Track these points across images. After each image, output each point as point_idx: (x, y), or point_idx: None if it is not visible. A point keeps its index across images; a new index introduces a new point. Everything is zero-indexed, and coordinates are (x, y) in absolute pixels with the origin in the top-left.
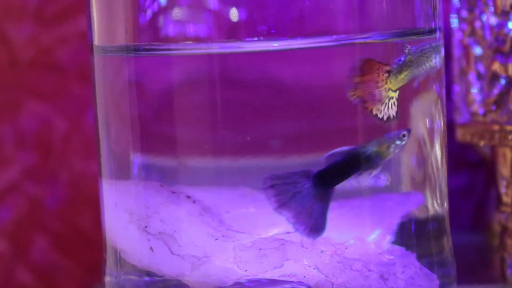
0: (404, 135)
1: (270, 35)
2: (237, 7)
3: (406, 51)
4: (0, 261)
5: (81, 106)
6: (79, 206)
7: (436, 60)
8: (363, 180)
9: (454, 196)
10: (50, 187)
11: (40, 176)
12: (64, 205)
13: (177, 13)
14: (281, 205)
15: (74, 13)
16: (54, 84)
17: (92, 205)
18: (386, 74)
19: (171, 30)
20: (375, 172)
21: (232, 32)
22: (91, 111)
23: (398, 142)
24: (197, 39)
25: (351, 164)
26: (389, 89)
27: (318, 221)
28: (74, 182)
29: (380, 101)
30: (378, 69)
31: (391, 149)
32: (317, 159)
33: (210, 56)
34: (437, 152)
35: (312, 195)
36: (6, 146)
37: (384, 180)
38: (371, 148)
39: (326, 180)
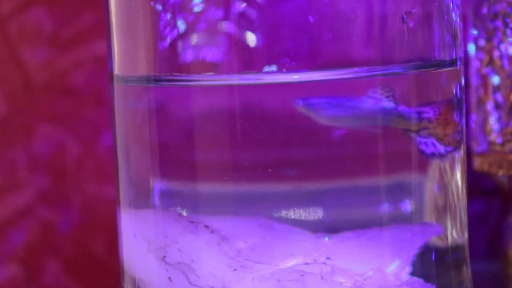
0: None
1: (290, 67)
2: (257, 39)
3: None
4: (13, 285)
5: (95, 130)
6: (92, 231)
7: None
8: (383, 209)
9: (469, 223)
10: (63, 211)
11: (53, 200)
12: (77, 230)
13: (197, 44)
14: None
15: (89, 37)
16: (68, 108)
17: (105, 230)
18: None
19: (191, 61)
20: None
21: (252, 64)
22: (105, 135)
23: None
24: (217, 71)
25: None
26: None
27: None
28: (87, 207)
29: None
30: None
31: None
32: (335, 187)
33: (230, 87)
34: (458, 180)
35: None
36: (20, 170)
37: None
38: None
39: None
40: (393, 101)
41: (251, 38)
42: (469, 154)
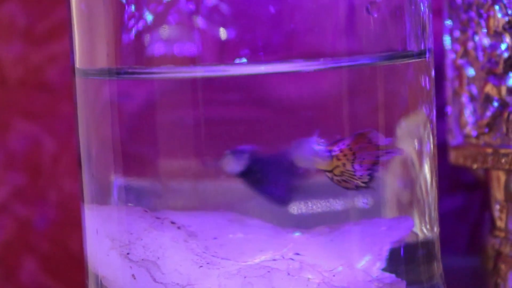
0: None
1: (256, 59)
2: (222, 31)
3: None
4: None
5: (71, 126)
6: (68, 228)
7: None
8: (352, 205)
9: (449, 218)
10: (39, 208)
11: (29, 197)
12: (53, 226)
13: (159, 36)
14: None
15: (63, 32)
16: (43, 104)
17: (81, 226)
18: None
19: (153, 53)
20: None
21: (217, 55)
22: None
23: None
24: (181, 63)
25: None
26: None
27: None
28: (63, 203)
29: None
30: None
31: None
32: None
33: (193, 80)
34: (427, 174)
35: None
36: None
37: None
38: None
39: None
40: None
41: (216, 29)
42: (445, 148)
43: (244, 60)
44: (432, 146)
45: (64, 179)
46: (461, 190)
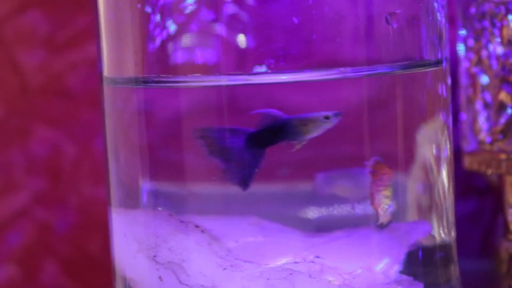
0: (327, 117)
1: (278, 68)
2: (245, 41)
3: None
4: (10, 286)
5: (91, 132)
6: (88, 231)
7: None
8: (371, 209)
9: (462, 222)
10: (60, 212)
11: (50, 202)
12: (73, 230)
13: (185, 46)
14: (210, 153)
15: (84, 40)
16: (64, 110)
17: (101, 230)
18: None
19: (179, 62)
20: (298, 144)
21: (240, 64)
22: (100, 137)
23: (318, 123)
24: (205, 72)
25: (276, 131)
26: None
27: (247, 177)
28: (83, 207)
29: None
30: None
31: (309, 127)
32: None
33: (218, 88)
34: (444, 179)
35: (243, 152)
36: (16, 172)
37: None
38: (292, 122)
39: (256, 142)
40: None
41: (239, 40)
42: (459, 153)
43: (265, 69)
44: (449, 152)
45: (84, 183)
46: (474, 195)
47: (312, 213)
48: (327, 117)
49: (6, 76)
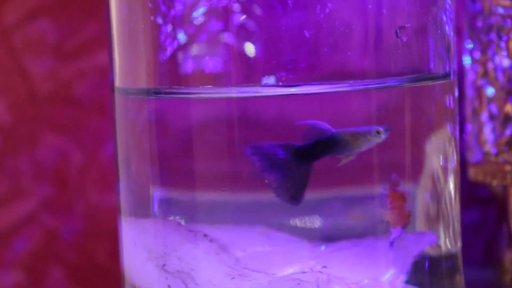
0: (378, 132)
1: (287, 80)
2: (256, 52)
3: None
4: None
5: (98, 139)
6: (95, 238)
7: None
8: (378, 220)
9: (466, 232)
10: (66, 219)
11: (57, 208)
12: (80, 237)
13: (196, 58)
14: (263, 171)
15: (92, 48)
16: (71, 118)
17: (108, 237)
18: None
19: (190, 74)
20: (346, 158)
21: (250, 76)
22: (107, 144)
23: (369, 137)
24: (216, 83)
25: (326, 146)
26: None
27: (297, 192)
28: (90, 214)
29: None
30: None
31: (360, 141)
32: (332, 196)
33: (228, 100)
34: (451, 190)
35: (292, 167)
36: (24, 178)
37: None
38: (343, 135)
39: (304, 156)
40: None
41: (249, 52)
42: (464, 164)
43: (275, 81)
44: (456, 163)
45: (91, 190)
46: (477, 205)
47: (319, 223)
48: (378, 132)
49: (14, 83)
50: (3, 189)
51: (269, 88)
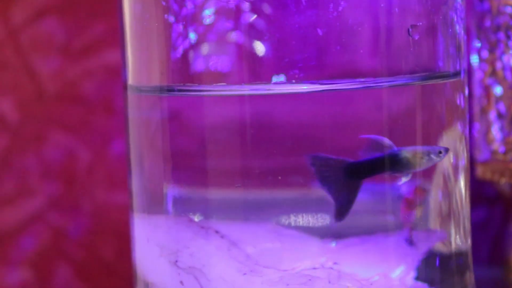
0: (440, 152)
1: (299, 78)
2: (267, 50)
3: None
4: None
5: (105, 138)
6: (102, 236)
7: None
8: (389, 216)
9: (472, 231)
10: (74, 217)
11: (64, 206)
12: (87, 235)
13: (209, 56)
14: (318, 181)
15: (100, 47)
16: (79, 116)
17: (115, 235)
18: None
19: (203, 71)
20: (404, 178)
21: (262, 74)
22: (114, 142)
23: (432, 156)
24: (228, 81)
25: (383, 163)
26: None
27: (342, 209)
28: (97, 212)
29: None
30: None
31: (424, 160)
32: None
33: (240, 97)
34: (462, 188)
35: (340, 182)
36: (31, 176)
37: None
38: (405, 154)
39: (357, 172)
40: None
41: (260, 50)
42: (472, 163)
43: (285, 79)
44: (466, 161)
45: (98, 189)
46: (484, 204)
47: (329, 219)
48: (440, 152)
49: (22, 82)
50: (11, 187)
51: (280, 85)
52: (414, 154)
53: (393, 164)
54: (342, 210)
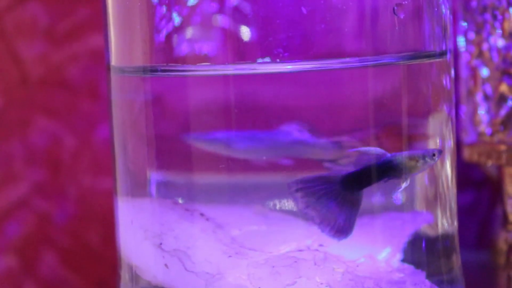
0: (434, 154)
1: (283, 58)
2: (251, 30)
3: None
4: (9, 276)
5: (91, 123)
6: (88, 222)
7: None
8: (375, 198)
9: (459, 214)
10: (59, 203)
11: (49, 192)
12: (72, 221)
13: (192, 35)
14: (307, 207)
15: (84, 31)
16: (64, 101)
17: (101, 221)
18: None
19: (187, 51)
20: (403, 183)
21: (246, 54)
22: (100, 128)
23: (427, 159)
24: (212, 61)
25: (378, 171)
26: None
27: (345, 224)
28: (83, 198)
29: None
30: None
31: (419, 164)
32: None
33: (225, 77)
34: (448, 170)
35: (339, 197)
36: (16, 162)
37: (399, 199)
38: (399, 159)
39: (353, 184)
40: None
41: (245, 30)
42: (458, 145)
43: (269, 58)
44: (452, 143)
45: (83, 174)
46: (471, 187)
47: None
48: (434, 154)
49: (6, 68)
50: None
51: (265, 65)
52: (409, 159)
53: (390, 170)
54: (345, 226)
